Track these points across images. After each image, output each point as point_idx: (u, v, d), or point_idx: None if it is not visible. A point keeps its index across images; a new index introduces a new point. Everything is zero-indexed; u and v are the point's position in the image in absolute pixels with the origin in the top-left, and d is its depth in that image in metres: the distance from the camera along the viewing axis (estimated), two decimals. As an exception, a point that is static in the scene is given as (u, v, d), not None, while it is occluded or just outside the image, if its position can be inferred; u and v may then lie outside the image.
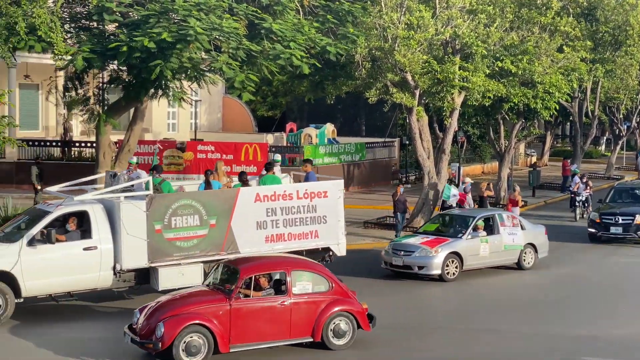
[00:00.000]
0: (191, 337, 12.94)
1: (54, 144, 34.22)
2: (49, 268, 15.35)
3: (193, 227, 16.05)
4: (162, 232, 15.78)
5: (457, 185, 28.04)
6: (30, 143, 32.01)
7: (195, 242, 16.13)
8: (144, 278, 16.20)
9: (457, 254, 19.81)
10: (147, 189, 16.32)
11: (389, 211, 27.40)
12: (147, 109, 25.70)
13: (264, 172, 18.84)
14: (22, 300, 15.46)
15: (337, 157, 36.08)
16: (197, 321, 12.99)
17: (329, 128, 38.79)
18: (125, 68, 23.36)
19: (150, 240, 15.70)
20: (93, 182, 18.93)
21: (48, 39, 18.59)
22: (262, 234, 16.76)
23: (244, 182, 17.78)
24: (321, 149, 35.44)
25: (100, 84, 26.68)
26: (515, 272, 21.12)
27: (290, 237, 17.07)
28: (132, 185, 17.01)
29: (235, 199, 16.55)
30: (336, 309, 13.98)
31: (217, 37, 20.82)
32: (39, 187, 26.83)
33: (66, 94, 26.98)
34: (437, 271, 19.52)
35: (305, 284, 13.90)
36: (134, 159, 19.74)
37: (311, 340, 13.88)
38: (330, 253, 17.81)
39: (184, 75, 22.18)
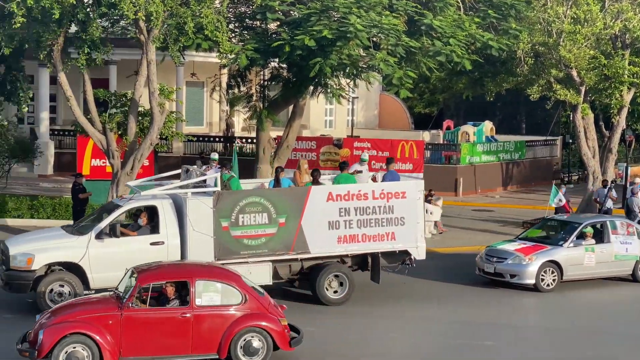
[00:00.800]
0: (73, 347, 11.91)
1: (217, 139, 35.42)
2: (116, 261, 15.23)
3: (261, 225, 15.70)
4: (229, 230, 15.56)
5: (625, 186, 26.73)
6: (195, 138, 33.27)
7: (263, 240, 15.78)
8: None
9: (555, 263, 18.37)
10: (216, 185, 16.08)
11: (550, 212, 26.51)
12: (305, 105, 26.09)
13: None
14: (93, 292, 15.33)
15: (495, 156, 35.29)
16: (79, 330, 11.93)
17: (487, 126, 37.96)
18: (285, 66, 23.82)
19: (216, 237, 15.49)
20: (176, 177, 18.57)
21: (214, 38, 19.21)
22: (335, 235, 16.20)
23: (316, 180, 17.28)
24: (479, 147, 34.76)
25: (262, 82, 27.33)
26: (629, 284, 19.45)
27: (364, 238, 16.40)
28: (204, 181, 16.66)
29: (306, 197, 16.07)
30: (247, 324, 12.56)
31: (376, 33, 20.81)
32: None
33: (229, 91, 27.87)
34: (530, 280, 18.20)
35: (212, 295, 12.61)
36: (216, 155, 19.66)
37: (217, 356, 12.54)
38: (412, 257, 16.95)
39: (342, 72, 22.34)
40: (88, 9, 18.75)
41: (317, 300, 16.35)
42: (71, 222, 21.48)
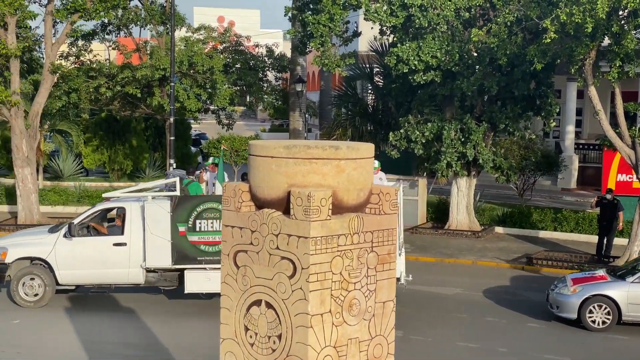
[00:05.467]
0: None
1: None
2: (80, 259, 15.98)
3: (219, 231, 14.83)
4: (186, 235, 15.49)
5: None
6: None
7: (220, 247, 13.78)
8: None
9: (610, 299, 15.18)
10: (176, 190, 16.15)
11: None
12: None
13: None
14: (73, 288, 16.51)
15: None
16: None
17: None
18: None
19: (173, 241, 15.50)
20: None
21: None
22: None
23: None
24: None
25: None
26: None
27: None
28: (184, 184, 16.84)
29: None
30: None
31: None
32: None
33: None
34: (571, 315, 15.43)
35: None
36: (210, 160, 18.92)
37: None
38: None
39: None
40: (622, 22, 18.32)
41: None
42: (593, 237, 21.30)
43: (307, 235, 6.23)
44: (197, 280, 15.66)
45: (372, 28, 25.64)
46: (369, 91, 31.15)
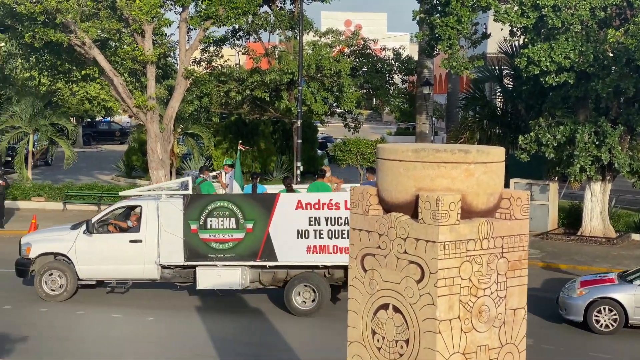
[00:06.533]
0: None
1: None
2: (98, 255, 16.51)
3: (229, 229, 15.75)
4: (198, 232, 15.79)
5: None
6: None
7: (230, 245, 15.82)
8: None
9: (616, 302, 14.78)
10: (189, 189, 16.38)
11: None
12: None
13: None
14: (94, 283, 17.06)
15: None
16: None
17: None
18: None
19: (186, 238, 15.81)
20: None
21: None
22: (304, 244, 15.62)
23: (288, 187, 16.91)
24: None
25: None
26: None
27: (335, 249, 15.58)
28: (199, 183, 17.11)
29: (274, 204, 15.67)
30: None
31: None
32: None
33: None
34: (577, 317, 15.09)
35: None
36: (225, 161, 19.67)
37: None
38: None
39: None
40: None
41: (287, 310, 16.05)
42: None
43: (436, 240, 6.15)
44: (209, 277, 16.06)
45: (501, 29, 25.12)
46: (498, 93, 30.50)
